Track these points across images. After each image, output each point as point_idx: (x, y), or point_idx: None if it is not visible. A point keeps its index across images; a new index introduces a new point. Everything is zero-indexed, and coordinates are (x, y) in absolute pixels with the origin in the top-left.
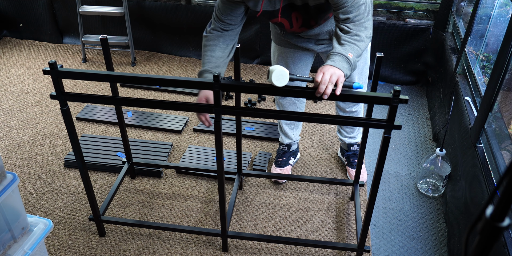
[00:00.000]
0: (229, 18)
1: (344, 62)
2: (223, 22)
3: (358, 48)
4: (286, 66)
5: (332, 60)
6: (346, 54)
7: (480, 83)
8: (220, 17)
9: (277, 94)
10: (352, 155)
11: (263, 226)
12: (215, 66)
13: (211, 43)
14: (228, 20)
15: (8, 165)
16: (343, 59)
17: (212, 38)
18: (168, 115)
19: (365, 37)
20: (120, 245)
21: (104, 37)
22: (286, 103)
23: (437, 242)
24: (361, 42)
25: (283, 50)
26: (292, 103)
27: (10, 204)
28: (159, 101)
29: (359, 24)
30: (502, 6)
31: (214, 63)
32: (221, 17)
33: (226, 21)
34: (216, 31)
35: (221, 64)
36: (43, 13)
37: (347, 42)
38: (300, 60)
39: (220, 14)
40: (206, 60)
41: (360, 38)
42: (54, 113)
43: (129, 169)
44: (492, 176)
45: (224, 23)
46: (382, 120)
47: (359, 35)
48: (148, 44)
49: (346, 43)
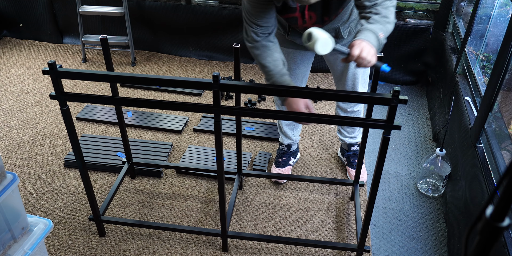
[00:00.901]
0: (265, 21)
1: (375, 40)
2: (261, 26)
3: (386, 30)
4: (288, 67)
5: (366, 35)
6: (377, 33)
7: (480, 83)
8: (256, 22)
9: (277, 94)
10: (353, 155)
11: (263, 226)
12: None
13: (264, 50)
14: (265, 23)
15: (8, 165)
16: (374, 38)
17: (261, 45)
18: (168, 115)
19: (392, 20)
20: (120, 245)
21: (104, 37)
22: None
23: (437, 242)
24: (389, 25)
25: (285, 51)
26: None
27: (10, 204)
28: (159, 101)
29: (386, 7)
30: (502, 6)
31: (279, 67)
32: (257, 22)
33: (263, 25)
34: (258, 37)
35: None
36: (43, 13)
37: (377, 22)
38: (301, 60)
39: (255, 19)
40: (271, 66)
41: (389, 20)
42: (54, 113)
43: (129, 169)
44: (492, 176)
45: (263, 27)
46: (382, 120)
47: (388, 17)
48: (148, 44)
49: (376, 23)
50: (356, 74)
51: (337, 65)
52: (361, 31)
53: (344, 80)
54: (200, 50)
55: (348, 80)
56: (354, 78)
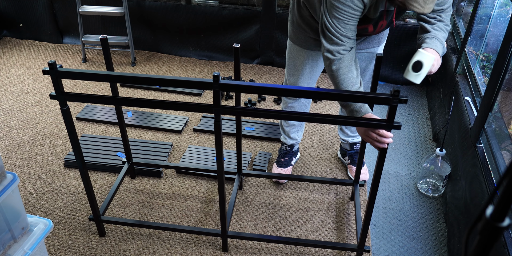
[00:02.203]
0: (353, 33)
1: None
2: (351, 39)
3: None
4: (311, 69)
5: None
6: (443, 42)
7: (480, 83)
8: (347, 35)
9: (277, 94)
10: (355, 153)
11: (263, 226)
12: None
13: (347, 64)
14: (354, 35)
15: (8, 165)
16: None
17: (346, 59)
18: (168, 115)
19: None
20: (120, 245)
21: (104, 37)
22: (298, 106)
23: (437, 242)
24: (448, 32)
25: (309, 53)
26: (303, 106)
27: (10, 204)
28: (159, 101)
29: (449, 15)
30: (502, 6)
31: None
32: (348, 35)
33: (353, 37)
34: (346, 51)
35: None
36: (43, 13)
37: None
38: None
39: (346, 32)
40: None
41: (448, 28)
42: (54, 113)
43: (129, 169)
44: (492, 176)
45: (352, 40)
46: (382, 120)
47: (448, 25)
48: (148, 44)
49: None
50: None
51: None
52: (430, 38)
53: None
54: (200, 50)
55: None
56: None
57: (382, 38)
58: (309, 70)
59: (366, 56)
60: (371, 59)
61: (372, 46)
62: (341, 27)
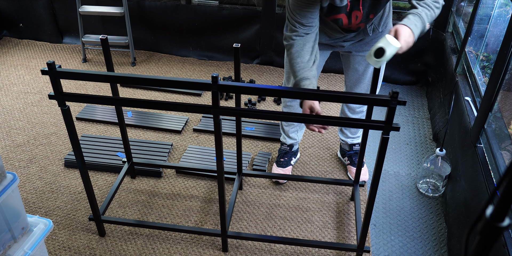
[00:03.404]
0: (310, 21)
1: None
2: (305, 26)
3: (433, 16)
4: None
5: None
6: (426, 23)
7: (480, 83)
8: (301, 21)
9: (275, 95)
10: (354, 154)
11: (263, 226)
12: (309, 71)
13: (297, 49)
14: (310, 23)
15: (8, 165)
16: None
17: (298, 44)
18: (168, 115)
19: (442, 4)
20: (120, 245)
21: (104, 37)
22: (296, 105)
23: (437, 242)
24: (438, 10)
25: None
26: None
27: (10, 204)
28: (158, 102)
29: None
30: (502, 6)
31: (306, 69)
32: (302, 22)
33: (308, 24)
34: (299, 36)
35: (313, 68)
36: (43, 13)
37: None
38: (322, 57)
39: (300, 19)
40: (298, 67)
41: (438, 5)
42: (54, 113)
43: (129, 169)
44: (492, 176)
45: (307, 27)
46: (381, 122)
47: (438, 1)
48: (148, 44)
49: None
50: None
51: (360, 66)
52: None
53: (364, 79)
54: (200, 50)
55: (367, 78)
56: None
57: None
58: None
59: (363, 59)
60: (368, 64)
61: (368, 49)
62: (296, 13)
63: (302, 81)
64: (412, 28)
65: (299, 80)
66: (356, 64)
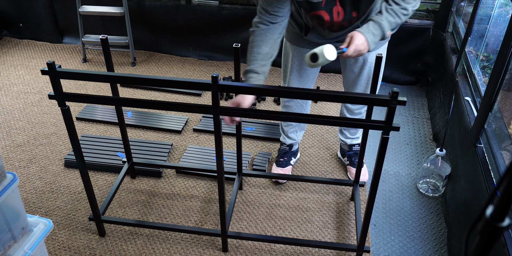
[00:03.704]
0: (276, 10)
1: (378, 38)
2: (270, 14)
3: (399, 23)
4: (300, 66)
5: (373, 33)
6: (386, 31)
7: (480, 83)
8: (267, 8)
9: (276, 95)
10: (354, 154)
11: (263, 226)
12: (261, 65)
13: (258, 39)
14: (276, 12)
15: (8, 165)
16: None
17: (259, 33)
18: (168, 115)
19: (411, 11)
20: (120, 245)
21: (105, 37)
22: (294, 106)
23: (437, 242)
24: (405, 17)
25: (299, 51)
26: (300, 106)
27: (10, 204)
28: (158, 102)
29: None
30: (502, 6)
31: (260, 61)
32: (267, 9)
33: (273, 13)
34: (263, 24)
35: (267, 63)
36: (43, 13)
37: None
38: None
39: (266, 5)
40: (252, 57)
41: (407, 12)
42: (54, 113)
43: (129, 169)
44: (492, 176)
45: (272, 15)
46: (381, 122)
47: (407, 8)
48: (148, 44)
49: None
50: (371, 73)
51: (355, 67)
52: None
53: (360, 80)
54: (200, 50)
55: (363, 79)
56: (369, 78)
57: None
58: (299, 67)
59: (357, 60)
60: (362, 65)
61: None
62: (264, 0)
63: (249, 73)
64: (367, 36)
65: (247, 71)
66: (351, 65)
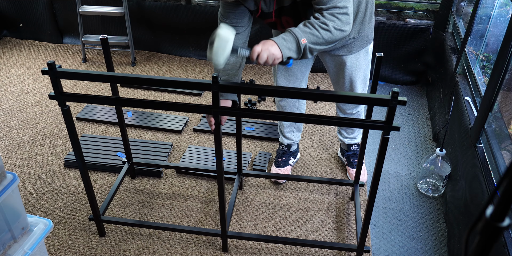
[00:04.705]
0: (234, 21)
1: (293, 44)
2: (224, 19)
3: (319, 36)
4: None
5: (283, 38)
6: (300, 38)
7: (480, 83)
8: (225, 21)
9: (277, 95)
10: (352, 155)
11: (263, 226)
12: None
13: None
14: (234, 23)
15: (8, 165)
16: (294, 42)
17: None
18: (168, 115)
19: (333, 28)
20: (120, 245)
21: (105, 37)
22: (287, 105)
23: (437, 242)
24: (325, 32)
25: None
26: (293, 106)
27: (10, 204)
28: (158, 102)
29: (332, 14)
30: (502, 6)
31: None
32: (225, 21)
33: (232, 24)
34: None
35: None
36: (43, 13)
37: (311, 26)
38: (299, 60)
39: (223, 18)
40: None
41: (326, 27)
42: (54, 113)
43: (129, 169)
44: (492, 176)
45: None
46: (381, 122)
47: (326, 24)
48: (148, 44)
49: (308, 27)
50: (353, 76)
51: (332, 67)
52: (285, 32)
53: (342, 82)
54: (200, 50)
55: (345, 82)
56: (351, 80)
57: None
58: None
59: (332, 60)
60: (340, 65)
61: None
62: (221, 12)
63: None
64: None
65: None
66: (328, 64)
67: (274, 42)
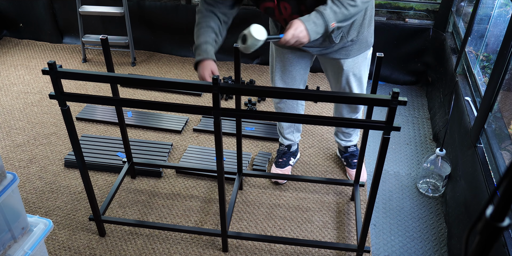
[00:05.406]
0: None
1: (322, 28)
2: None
3: (347, 14)
4: (284, 68)
5: (314, 23)
6: (330, 23)
7: (480, 83)
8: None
9: (277, 96)
10: (350, 156)
11: (263, 226)
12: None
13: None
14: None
15: (8, 165)
16: (323, 26)
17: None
18: (168, 115)
19: (360, 2)
20: (120, 245)
21: (105, 37)
22: (285, 107)
23: (437, 242)
24: (353, 8)
25: (280, 51)
26: (292, 108)
27: (10, 204)
28: (158, 103)
29: None
30: (502, 6)
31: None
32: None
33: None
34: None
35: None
36: (43, 13)
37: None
38: (298, 62)
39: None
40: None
41: (354, 3)
42: (54, 113)
43: (129, 169)
44: (492, 176)
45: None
46: (381, 122)
47: (355, 0)
48: (148, 44)
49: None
50: (350, 80)
51: (330, 71)
52: (316, 11)
53: (339, 87)
54: None
55: (342, 86)
56: (348, 85)
57: (352, 51)
58: (282, 67)
59: (330, 63)
60: (338, 69)
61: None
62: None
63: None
64: (307, 24)
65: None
66: (327, 68)
67: (304, 27)
